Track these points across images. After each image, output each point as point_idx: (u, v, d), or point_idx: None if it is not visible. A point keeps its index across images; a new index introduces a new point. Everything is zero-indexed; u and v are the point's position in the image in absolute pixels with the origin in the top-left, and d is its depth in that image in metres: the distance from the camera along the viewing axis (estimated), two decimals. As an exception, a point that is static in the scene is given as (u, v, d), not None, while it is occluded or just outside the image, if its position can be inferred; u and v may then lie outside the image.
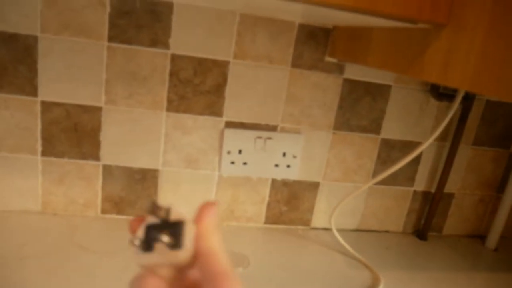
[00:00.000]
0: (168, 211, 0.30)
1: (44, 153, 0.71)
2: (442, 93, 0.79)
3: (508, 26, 0.34)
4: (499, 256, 0.88)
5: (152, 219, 0.30)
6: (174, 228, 0.30)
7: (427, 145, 0.74)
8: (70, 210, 0.76)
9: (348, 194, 0.77)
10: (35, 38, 0.66)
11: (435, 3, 0.41)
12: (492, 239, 0.90)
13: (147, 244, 0.29)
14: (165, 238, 0.29)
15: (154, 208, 0.30)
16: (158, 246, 0.29)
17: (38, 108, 0.69)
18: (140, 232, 0.30)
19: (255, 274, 0.67)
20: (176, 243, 0.29)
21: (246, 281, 0.65)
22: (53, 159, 0.72)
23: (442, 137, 0.84)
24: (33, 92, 0.68)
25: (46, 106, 0.69)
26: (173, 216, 0.30)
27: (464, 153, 0.86)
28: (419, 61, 0.46)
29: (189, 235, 0.30)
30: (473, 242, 0.92)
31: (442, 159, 0.85)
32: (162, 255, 0.29)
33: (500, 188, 0.91)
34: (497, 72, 0.35)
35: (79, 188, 0.74)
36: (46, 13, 0.65)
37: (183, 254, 0.29)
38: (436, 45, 0.43)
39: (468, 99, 0.79)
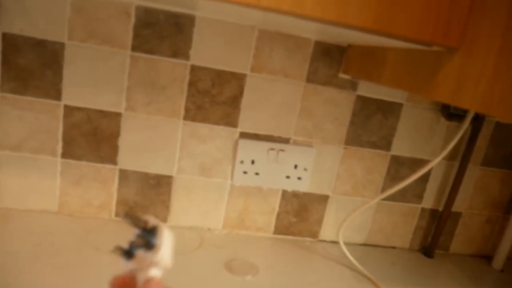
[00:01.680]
0: (146, 221, 0.34)
1: (63, 155, 0.74)
2: (452, 113, 0.80)
3: (518, 52, 0.36)
4: (506, 277, 0.88)
5: (134, 232, 0.34)
6: (148, 233, 0.34)
7: (435, 163, 0.75)
8: (85, 212, 0.78)
9: (357, 209, 0.79)
10: (62, 45, 0.69)
11: (448, 27, 0.43)
12: (499, 260, 0.90)
13: (129, 253, 0.34)
14: (141, 239, 0.33)
15: (135, 220, 0.34)
16: (139, 253, 0.33)
17: (61, 111, 0.72)
18: (125, 245, 0.34)
19: (264, 282, 0.69)
20: (148, 245, 0.33)
21: (255, 288, 0.66)
22: (72, 161, 0.75)
23: (451, 156, 0.85)
24: (57, 96, 0.71)
25: (69, 110, 0.72)
26: (150, 224, 0.34)
27: (473, 173, 0.87)
28: (431, 82, 0.48)
29: (161, 236, 0.33)
30: (479, 262, 0.93)
31: (450, 178, 0.87)
32: (143, 259, 0.33)
33: (508, 209, 0.92)
34: (507, 95, 0.37)
35: (95, 190, 0.77)
36: (74, 21, 0.68)
37: (157, 253, 0.33)
38: (449, 67, 0.45)
39: (478, 119, 0.81)
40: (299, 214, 0.84)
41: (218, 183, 0.79)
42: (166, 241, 0.33)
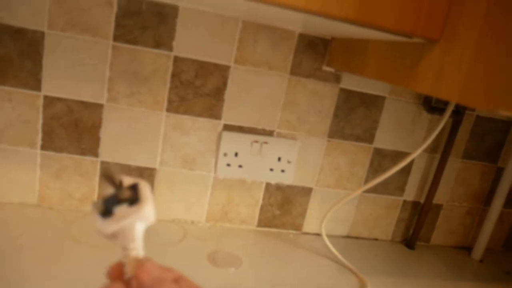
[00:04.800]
0: (121, 181, 0.33)
1: (43, 147, 0.73)
2: (434, 107, 0.81)
3: (495, 43, 0.37)
4: (484, 267, 0.90)
5: (107, 191, 0.33)
6: (130, 189, 0.33)
7: (416, 156, 0.76)
8: (66, 205, 0.77)
9: (339, 201, 0.79)
10: (42, 34, 0.67)
11: (429, 19, 0.43)
12: (478, 251, 0.92)
13: (107, 210, 0.32)
14: (126, 193, 0.33)
15: (109, 180, 0.33)
16: (119, 210, 0.32)
17: (40, 102, 0.70)
18: (99, 203, 0.33)
19: (247, 275, 0.69)
20: (135, 198, 0.33)
21: (238, 280, 0.66)
22: (52, 153, 0.73)
23: (432, 149, 0.87)
24: (37, 86, 0.69)
25: (49, 101, 0.70)
26: (126, 183, 0.34)
27: (454, 165, 0.89)
28: (412, 73, 0.48)
29: (145, 190, 0.33)
30: (459, 253, 0.95)
31: (432, 170, 0.88)
32: (125, 214, 0.32)
33: (487, 201, 0.93)
34: (485, 85, 0.37)
35: (76, 183, 0.76)
36: (54, 10, 0.66)
37: (143, 207, 0.32)
38: (429, 58, 0.45)
39: (459, 113, 0.82)
40: (282, 207, 0.84)
41: (201, 176, 0.79)
42: (150, 196, 0.33)
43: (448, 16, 0.43)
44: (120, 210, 0.33)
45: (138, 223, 0.33)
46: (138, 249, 0.33)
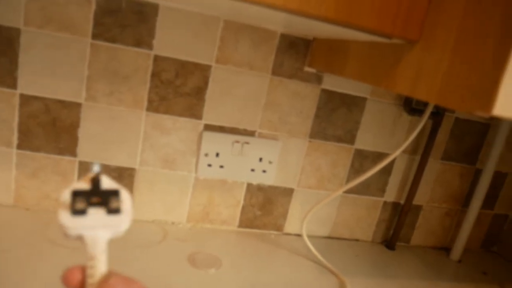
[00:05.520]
0: (97, 179, 0.30)
1: (19, 146, 0.71)
2: (414, 108, 0.82)
3: (472, 45, 0.37)
4: (462, 267, 0.91)
5: (79, 185, 0.30)
6: (109, 195, 0.29)
7: (395, 156, 0.77)
8: (43, 205, 0.75)
9: (319, 202, 0.79)
10: (17, 31, 0.66)
11: (408, 20, 0.44)
12: (456, 251, 0.93)
13: (80, 208, 0.29)
14: (114, 203, 0.29)
15: (97, 177, 0.30)
16: (94, 212, 0.29)
17: (16, 100, 0.69)
18: (67, 195, 0.29)
19: (226, 276, 0.68)
20: (117, 208, 0.29)
21: (218, 281, 0.66)
22: (29, 152, 0.72)
23: (413, 151, 0.87)
24: (13, 84, 0.68)
25: (25, 99, 0.69)
26: (105, 185, 0.30)
27: (433, 167, 0.90)
28: (392, 74, 0.48)
29: (128, 202, 0.30)
30: (438, 253, 0.96)
31: (412, 172, 0.89)
32: (98, 219, 0.29)
33: (466, 202, 0.95)
34: (462, 86, 0.38)
35: (53, 183, 0.74)
36: (30, 6, 0.65)
37: (122, 220, 0.29)
38: (408, 60, 0.46)
39: (438, 114, 0.83)
40: (264, 207, 0.84)
41: (182, 176, 0.78)
42: (131, 209, 0.30)
43: (427, 17, 0.44)
44: (96, 213, 0.29)
45: (110, 235, 0.30)
46: (104, 261, 0.30)
